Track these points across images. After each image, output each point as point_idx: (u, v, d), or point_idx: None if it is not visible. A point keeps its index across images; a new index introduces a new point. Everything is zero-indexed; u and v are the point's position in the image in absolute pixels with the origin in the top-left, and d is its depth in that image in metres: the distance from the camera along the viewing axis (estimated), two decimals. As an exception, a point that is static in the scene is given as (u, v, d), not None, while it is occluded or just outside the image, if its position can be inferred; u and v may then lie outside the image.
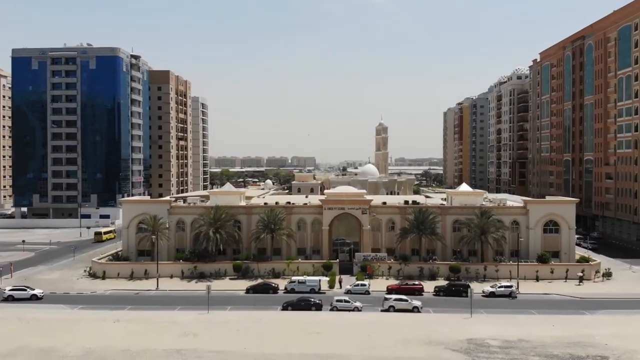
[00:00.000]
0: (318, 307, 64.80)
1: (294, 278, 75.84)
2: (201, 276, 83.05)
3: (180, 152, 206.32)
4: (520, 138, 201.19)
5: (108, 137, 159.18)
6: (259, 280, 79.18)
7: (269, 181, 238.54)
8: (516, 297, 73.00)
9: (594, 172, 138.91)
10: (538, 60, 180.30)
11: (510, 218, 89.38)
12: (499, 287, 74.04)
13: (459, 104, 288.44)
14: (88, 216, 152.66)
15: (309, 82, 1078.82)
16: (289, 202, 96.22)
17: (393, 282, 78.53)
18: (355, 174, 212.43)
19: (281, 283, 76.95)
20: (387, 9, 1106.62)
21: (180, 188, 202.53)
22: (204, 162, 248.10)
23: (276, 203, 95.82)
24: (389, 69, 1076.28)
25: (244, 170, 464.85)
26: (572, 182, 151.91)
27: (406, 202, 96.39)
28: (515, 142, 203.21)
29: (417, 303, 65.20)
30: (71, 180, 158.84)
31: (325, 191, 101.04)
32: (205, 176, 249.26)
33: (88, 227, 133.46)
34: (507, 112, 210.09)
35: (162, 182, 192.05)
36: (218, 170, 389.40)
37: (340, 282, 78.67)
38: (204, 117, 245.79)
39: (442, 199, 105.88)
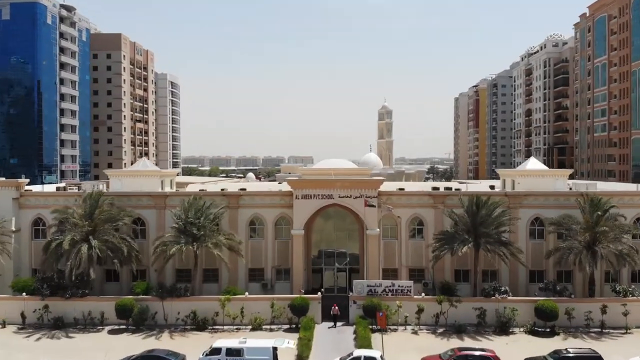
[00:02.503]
0: None
1: (218, 343, 35.15)
2: (56, 325, 43.27)
3: (138, 137, 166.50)
4: (558, 118, 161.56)
5: (25, 111, 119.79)
6: (155, 345, 39.34)
7: (251, 174, 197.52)
8: (701, 382, 33.61)
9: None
10: (588, 14, 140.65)
11: (632, 213, 49.73)
12: (665, 360, 34.49)
13: (474, 86, 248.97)
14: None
15: (308, 80, 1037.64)
16: (243, 189, 56.26)
17: (429, 340, 38.91)
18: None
19: (201, 345, 37.34)
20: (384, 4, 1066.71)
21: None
22: (174, 152, 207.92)
23: (222, 190, 56.10)
24: (389, 67, 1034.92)
25: (237, 169, 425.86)
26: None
27: (435, 189, 56.56)
28: (552, 124, 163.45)
29: None
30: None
31: (301, 168, 60.73)
32: (176, 169, 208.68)
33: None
34: (541, 87, 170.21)
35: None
36: (207, 168, 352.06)
37: (335, 315, 41.38)
38: (173, 99, 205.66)
39: (490, 186, 65.82)
